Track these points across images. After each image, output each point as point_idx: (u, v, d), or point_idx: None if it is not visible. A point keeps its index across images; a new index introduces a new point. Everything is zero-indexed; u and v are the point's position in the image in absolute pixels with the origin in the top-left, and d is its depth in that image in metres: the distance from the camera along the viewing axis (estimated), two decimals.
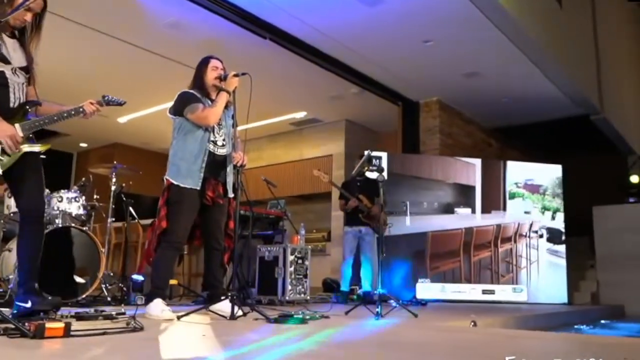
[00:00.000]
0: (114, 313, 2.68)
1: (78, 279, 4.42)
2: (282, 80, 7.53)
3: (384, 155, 7.39)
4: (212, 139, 3.65)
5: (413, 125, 8.16)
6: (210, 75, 3.70)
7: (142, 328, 2.58)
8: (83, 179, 4.85)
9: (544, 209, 7.61)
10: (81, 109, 2.95)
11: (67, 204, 4.64)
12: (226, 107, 3.75)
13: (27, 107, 2.79)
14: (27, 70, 2.84)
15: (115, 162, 5.21)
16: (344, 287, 6.29)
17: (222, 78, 3.70)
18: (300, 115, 9.04)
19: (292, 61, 6.75)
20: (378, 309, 3.87)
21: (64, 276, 4.37)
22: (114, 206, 5.36)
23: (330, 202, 8.97)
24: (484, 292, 7.26)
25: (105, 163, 5.34)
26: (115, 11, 5.80)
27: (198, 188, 3.56)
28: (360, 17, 5.84)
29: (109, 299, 4.59)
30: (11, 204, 4.45)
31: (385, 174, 7.31)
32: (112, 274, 5.18)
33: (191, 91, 3.68)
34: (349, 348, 2.28)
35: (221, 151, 3.70)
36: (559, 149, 9.88)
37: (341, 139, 9.27)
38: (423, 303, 6.42)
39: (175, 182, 3.56)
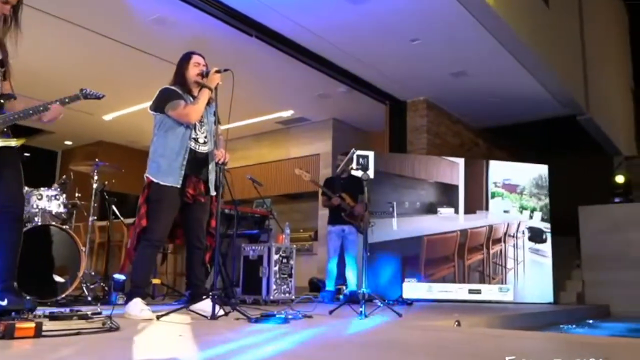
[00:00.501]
0: (89, 313, 2.61)
1: (57, 278, 4.35)
2: (269, 78, 7.48)
3: (370, 154, 7.35)
4: (193, 136, 3.60)
5: (400, 125, 8.14)
6: (192, 72, 3.65)
7: (118, 328, 2.52)
8: (64, 176, 4.77)
9: (522, 208, 7.64)
10: (46, 107, 2.86)
11: (47, 202, 4.56)
12: (208, 103, 3.70)
13: (1, 100, 2.73)
14: (2, 64, 2.77)
15: (97, 160, 5.12)
16: (329, 286, 6.25)
17: (204, 74, 3.64)
18: (287, 114, 8.98)
19: (279, 59, 6.70)
20: (362, 309, 3.84)
21: (43, 275, 4.29)
22: (96, 205, 5.28)
23: (317, 201, 8.91)
24: (471, 291, 7.26)
25: (88, 161, 5.23)
26: (100, 7, 5.70)
27: (178, 186, 3.50)
28: (347, 16, 5.80)
29: (89, 298, 4.52)
30: None
31: (370, 172, 7.42)
32: (93, 273, 5.09)
33: (172, 87, 3.62)
34: (330, 348, 2.24)
35: (203, 149, 3.64)
36: (546, 149, 9.92)
37: (329, 138, 9.23)
38: (409, 303, 6.39)
39: (156, 180, 3.49)
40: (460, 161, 7.55)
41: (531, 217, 7.65)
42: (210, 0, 5.56)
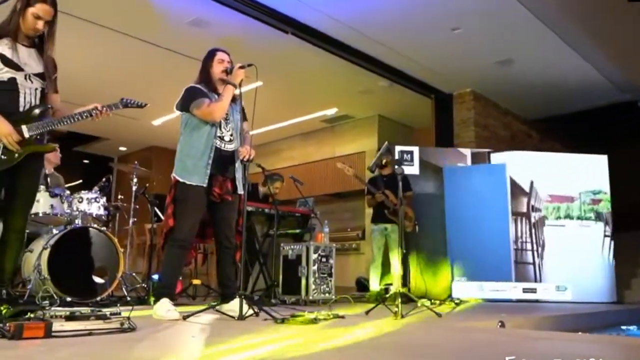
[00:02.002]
0: (107, 313, 2.60)
1: (97, 280, 4.42)
2: (309, 76, 7.41)
3: (415, 149, 7.14)
4: (218, 134, 3.55)
5: (447, 118, 7.86)
6: (216, 69, 3.61)
7: (134, 329, 2.49)
8: (103, 179, 4.86)
9: (580, 218, 7.14)
10: (88, 113, 2.93)
11: (87, 204, 4.65)
12: (234, 100, 3.65)
13: (36, 110, 2.82)
14: (43, 77, 2.87)
15: (135, 162, 5.21)
16: (374, 286, 6.10)
17: (229, 71, 3.60)
18: (331, 112, 8.88)
19: (317, 56, 6.61)
20: (397, 309, 3.69)
21: (83, 277, 4.37)
22: (137, 207, 5.37)
23: (365, 200, 8.77)
24: (525, 290, 6.89)
25: (143, 166, 5.35)
26: (138, 14, 5.82)
27: (204, 185, 3.46)
28: (384, 6, 5.63)
29: (128, 298, 4.58)
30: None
31: (416, 168, 7.21)
32: (134, 274, 5.16)
33: (197, 86, 3.58)
34: (340, 350, 2.11)
35: (229, 146, 3.59)
36: (604, 138, 9.31)
37: (374, 135, 9.06)
38: (457, 302, 6.14)
39: (182, 180, 3.47)
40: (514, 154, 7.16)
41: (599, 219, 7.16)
42: None
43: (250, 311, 3.33)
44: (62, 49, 3.00)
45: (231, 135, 3.62)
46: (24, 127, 2.76)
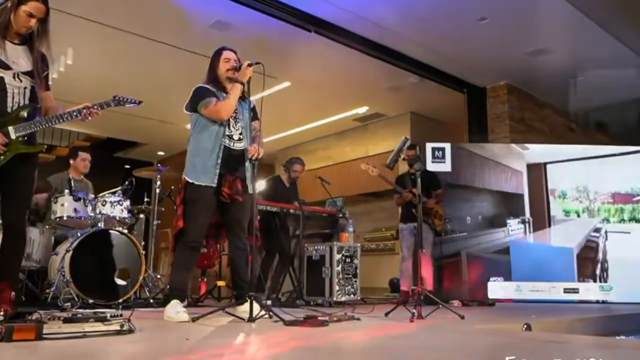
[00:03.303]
0: (108, 315, 2.58)
1: (119, 282, 4.46)
2: (336, 74, 7.30)
3: (447, 146, 6.91)
4: (227, 133, 3.51)
5: (480, 113, 7.60)
6: (223, 68, 3.58)
7: (132, 331, 2.47)
8: (126, 182, 4.90)
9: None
10: (77, 112, 2.90)
11: (110, 207, 4.70)
12: (243, 99, 3.60)
13: (24, 110, 2.80)
14: (32, 75, 2.85)
15: (159, 165, 5.24)
16: (403, 286, 5.94)
17: (236, 69, 3.55)
18: (362, 110, 8.76)
19: (341, 53, 6.49)
20: (414, 311, 3.55)
21: (106, 279, 4.42)
22: (163, 209, 5.41)
23: None
24: (566, 290, 6.54)
25: (179, 170, 5.39)
26: (161, 17, 5.87)
27: (214, 185, 3.43)
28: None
29: (151, 300, 4.60)
30: (57, 209, 4.60)
31: (447, 165, 6.98)
32: (159, 276, 5.20)
33: (205, 85, 3.56)
34: (329, 354, 2.01)
35: (238, 145, 3.54)
36: None
37: (407, 133, 8.84)
38: (491, 303, 5.91)
39: (191, 180, 3.45)
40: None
41: None
42: None
43: (263, 312, 3.26)
44: (97, 58, 3.01)
45: (240, 134, 3.57)
46: (10, 129, 2.72)
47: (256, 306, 3.18)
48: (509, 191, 6.73)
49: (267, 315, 3.27)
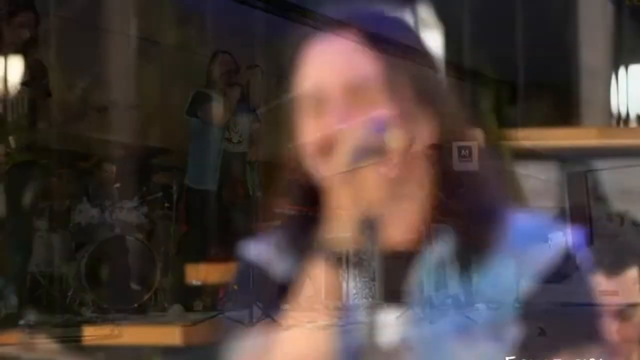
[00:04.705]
0: (98, 321, 2.60)
1: (134, 287, 4.51)
2: None
3: (473, 144, 6.70)
4: (226, 136, 3.51)
5: None
6: (219, 71, 3.57)
7: (119, 336, 2.47)
8: (144, 188, 4.93)
9: None
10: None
11: (127, 213, 4.75)
12: (243, 101, 3.59)
13: (24, 119, 2.85)
14: (27, 84, 2.89)
15: (174, 171, 5.27)
16: None
17: (233, 72, 3.54)
18: None
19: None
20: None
21: (121, 284, 4.47)
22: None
23: None
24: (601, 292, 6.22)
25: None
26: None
27: (213, 189, 3.42)
28: None
29: (165, 305, 4.62)
30: (76, 216, 4.68)
31: (474, 164, 6.77)
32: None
33: (202, 90, 3.57)
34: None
35: (237, 148, 3.54)
36: None
37: None
38: None
39: (190, 185, 3.46)
40: None
41: None
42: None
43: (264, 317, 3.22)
44: None
45: (240, 136, 3.56)
46: (10, 139, 2.78)
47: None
48: None
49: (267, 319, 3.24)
